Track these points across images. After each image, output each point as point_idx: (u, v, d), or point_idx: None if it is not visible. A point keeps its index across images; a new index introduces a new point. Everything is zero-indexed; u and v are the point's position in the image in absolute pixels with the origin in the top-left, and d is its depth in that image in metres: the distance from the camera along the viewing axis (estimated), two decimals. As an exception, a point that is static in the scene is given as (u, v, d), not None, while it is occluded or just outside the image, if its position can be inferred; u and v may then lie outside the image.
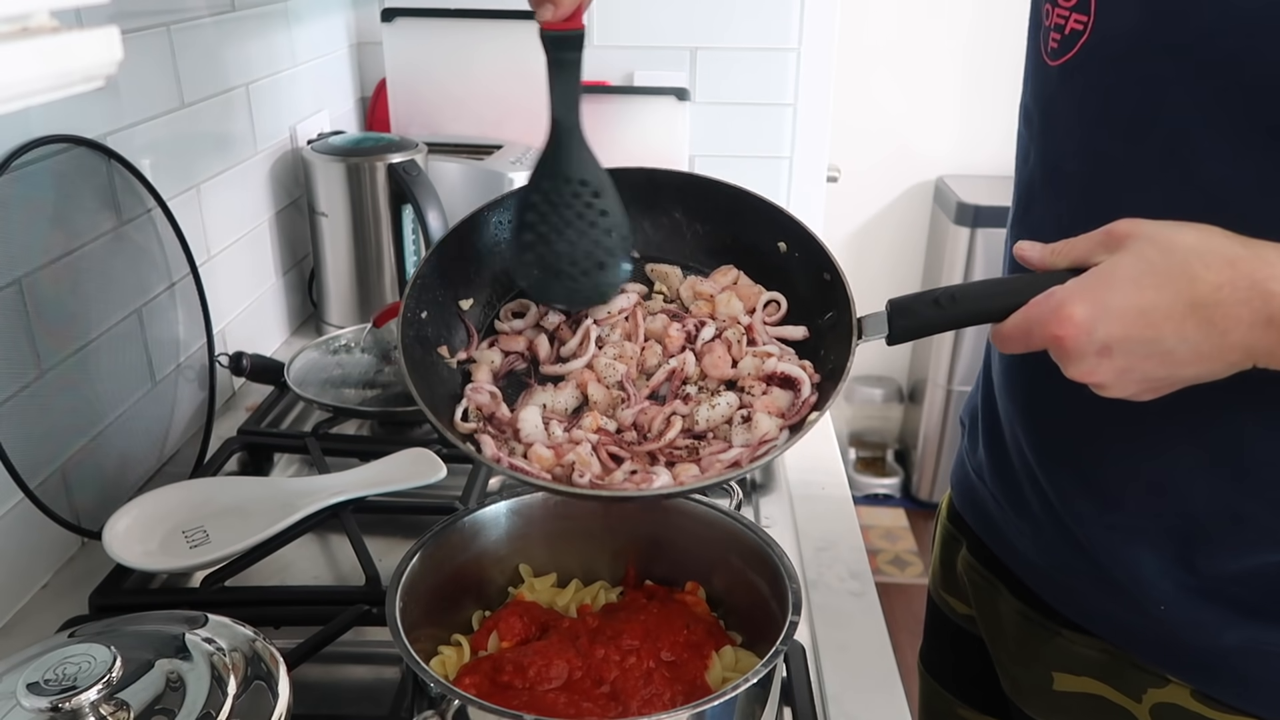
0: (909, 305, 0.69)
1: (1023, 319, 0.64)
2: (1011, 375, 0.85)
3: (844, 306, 0.74)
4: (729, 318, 0.78)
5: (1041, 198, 0.81)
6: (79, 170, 1.00)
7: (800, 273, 0.79)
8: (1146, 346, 0.60)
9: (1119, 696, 0.83)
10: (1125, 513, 0.77)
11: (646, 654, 0.73)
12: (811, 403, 0.72)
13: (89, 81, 0.39)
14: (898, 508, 3.21)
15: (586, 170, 0.77)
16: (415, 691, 0.68)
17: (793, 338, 0.78)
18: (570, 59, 0.74)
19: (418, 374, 0.73)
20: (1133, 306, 0.59)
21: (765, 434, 0.70)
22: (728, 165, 1.89)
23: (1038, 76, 0.81)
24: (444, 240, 0.79)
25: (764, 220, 0.80)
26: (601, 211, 0.76)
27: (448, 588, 0.79)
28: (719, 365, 0.76)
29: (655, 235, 0.84)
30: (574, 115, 0.76)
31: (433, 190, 1.42)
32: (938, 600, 1.07)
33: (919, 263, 3.21)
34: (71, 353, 0.99)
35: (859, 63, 2.84)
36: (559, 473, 0.69)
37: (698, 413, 0.73)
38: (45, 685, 0.55)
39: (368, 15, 1.82)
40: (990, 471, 0.92)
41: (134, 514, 0.94)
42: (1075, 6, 0.74)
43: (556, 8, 0.71)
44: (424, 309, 0.77)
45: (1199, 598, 0.76)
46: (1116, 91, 0.72)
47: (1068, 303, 0.61)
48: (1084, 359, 0.61)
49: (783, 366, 0.74)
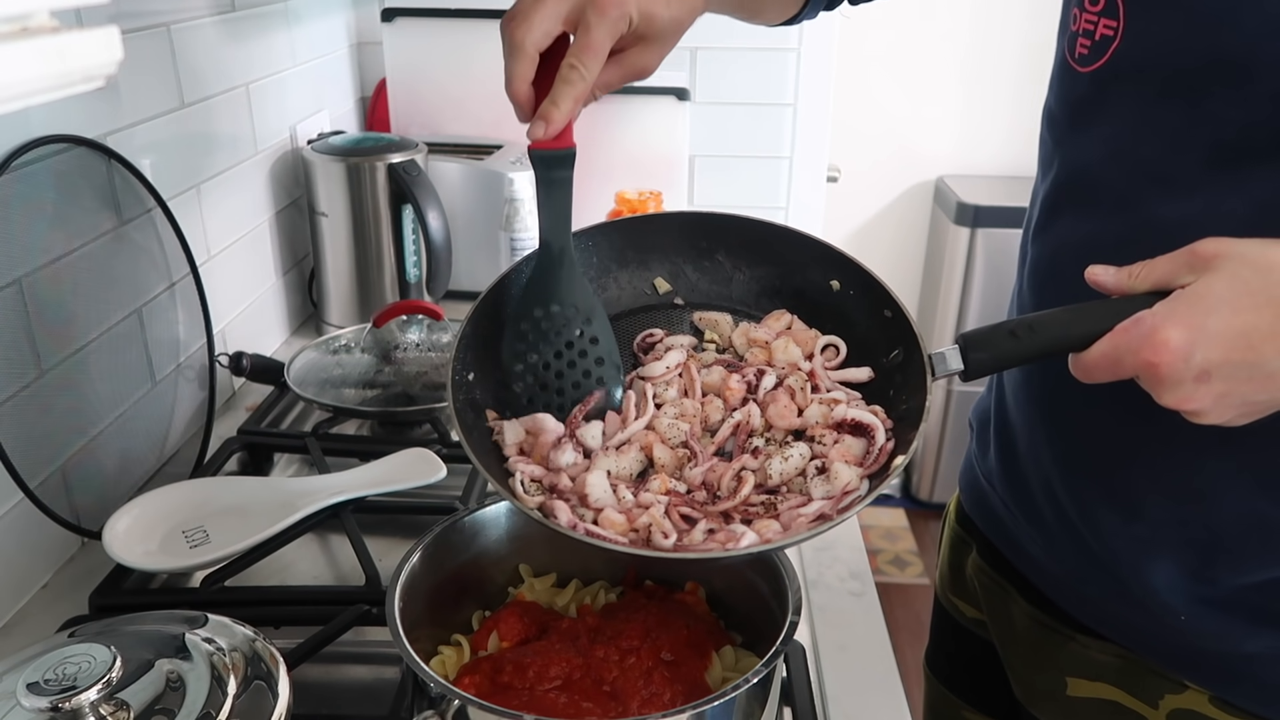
0: (985, 338, 0.66)
1: (1111, 347, 0.61)
2: (1031, 383, 0.83)
3: (912, 344, 0.70)
4: (788, 364, 0.75)
5: (1069, 206, 0.79)
6: (79, 170, 1.00)
7: (857, 311, 0.76)
8: (1248, 370, 0.57)
9: (1135, 702, 0.82)
10: (1148, 523, 0.75)
11: (646, 654, 0.73)
12: (889, 449, 0.68)
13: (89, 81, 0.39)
14: (898, 508, 3.22)
15: (577, 296, 0.74)
16: (415, 691, 0.68)
17: (856, 380, 0.74)
18: (562, 177, 0.72)
19: (475, 440, 0.71)
20: (1232, 329, 0.57)
21: (847, 484, 0.66)
22: (728, 165, 1.89)
23: (1064, 81, 0.78)
24: (482, 299, 0.76)
25: (815, 258, 0.77)
26: (592, 339, 0.74)
27: (448, 588, 0.79)
28: (785, 415, 0.72)
29: (700, 281, 0.81)
30: (565, 238, 0.73)
31: (433, 190, 1.42)
32: (945, 604, 1.06)
33: (919, 263, 3.21)
34: (71, 353, 0.99)
35: (859, 63, 2.85)
36: (634, 537, 0.66)
37: (770, 466, 0.69)
38: (45, 685, 0.55)
39: (368, 15, 1.82)
40: (1001, 478, 0.91)
41: (134, 514, 0.94)
42: (1103, 11, 0.73)
43: (548, 125, 0.68)
44: (470, 370, 0.74)
45: (1220, 607, 0.75)
46: (1156, 100, 0.70)
47: (1162, 327, 0.58)
48: (1181, 385, 0.58)
49: (853, 413, 0.70)
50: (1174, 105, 0.69)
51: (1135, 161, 0.72)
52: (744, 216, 0.79)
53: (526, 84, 0.68)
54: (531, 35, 0.66)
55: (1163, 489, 0.74)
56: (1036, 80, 0.82)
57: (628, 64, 0.71)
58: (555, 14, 0.67)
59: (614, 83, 0.71)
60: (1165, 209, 0.62)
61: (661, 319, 0.81)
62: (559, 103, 0.67)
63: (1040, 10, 2.78)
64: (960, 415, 3.01)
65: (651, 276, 0.81)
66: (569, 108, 0.67)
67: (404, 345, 1.31)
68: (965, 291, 2.91)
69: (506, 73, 0.68)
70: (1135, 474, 0.75)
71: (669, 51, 0.73)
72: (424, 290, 1.48)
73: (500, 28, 0.68)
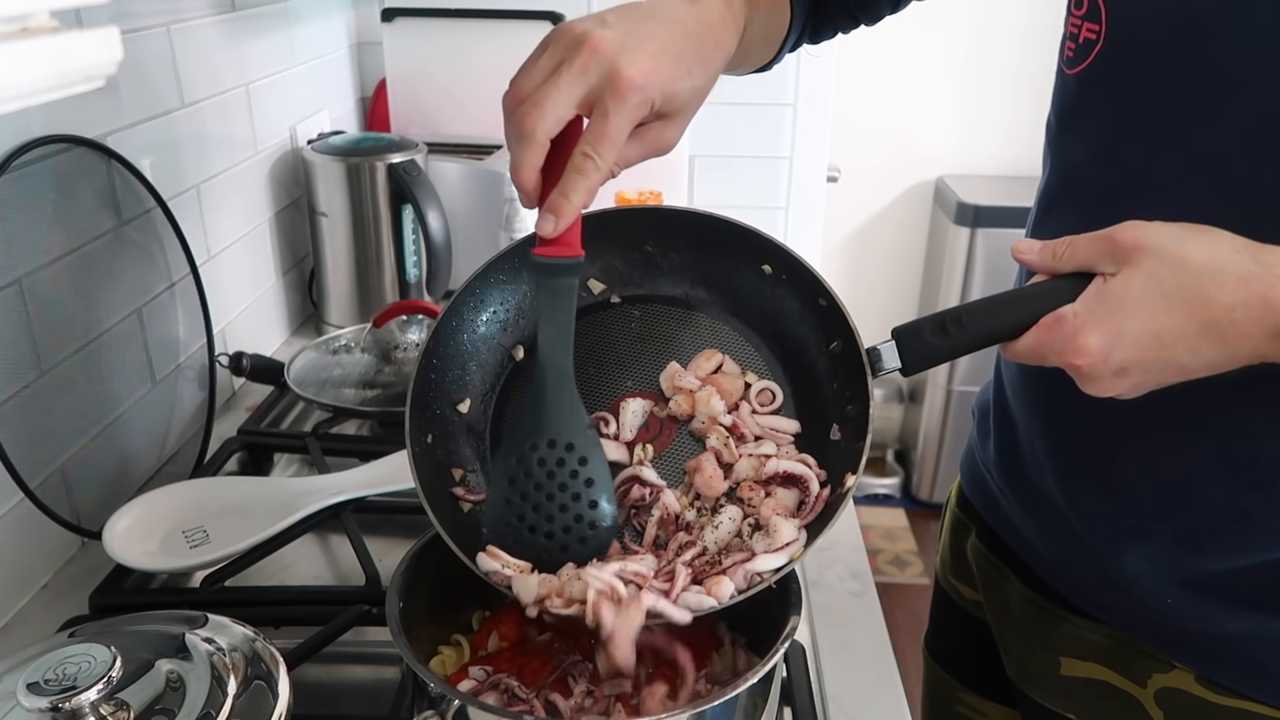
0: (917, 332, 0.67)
1: (1036, 343, 0.63)
2: (1026, 377, 0.86)
3: (849, 335, 0.70)
4: (709, 418, 0.73)
5: (1059, 207, 0.81)
6: (79, 170, 1.00)
7: (792, 300, 0.75)
8: (1161, 365, 0.61)
9: (1124, 682, 0.84)
10: (1137, 514, 0.78)
11: (646, 654, 0.73)
12: (824, 497, 0.69)
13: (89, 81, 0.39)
14: (898, 508, 3.21)
15: (575, 432, 0.68)
16: (415, 691, 0.68)
17: (785, 430, 0.73)
18: (565, 286, 0.65)
19: (442, 512, 0.71)
20: (1147, 331, 0.59)
21: (787, 540, 0.67)
22: (728, 165, 1.89)
23: (1057, 84, 0.81)
24: (424, 351, 0.74)
25: (743, 245, 0.75)
26: (587, 481, 0.68)
27: (448, 588, 0.79)
28: (712, 484, 0.71)
29: (633, 274, 0.78)
30: (566, 359, 0.67)
31: (433, 190, 1.42)
32: (945, 586, 1.08)
33: (919, 263, 3.21)
34: (72, 353, 0.99)
35: (859, 63, 2.84)
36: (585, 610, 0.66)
37: (704, 539, 0.69)
38: (45, 685, 0.55)
39: (368, 15, 1.82)
40: (998, 467, 0.93)
41: (134, 514, 0.94)
42: (1086, 15, 0.74)
43: (558, 219, 0.61)
44: (427, 433, 0.73)
45: (1205, 592, 0.77)
46: (1137, 101, 0.71)
47: (1082, 331, 0.61)
48: (1101, 380, 0.62)
49: (784, 465, 0.70)
50: (1155, 108, 0.70)
51: (1117, 164, 0.74)
52: (669, 206, 0.77)
53: (535, 172, 0.62)
54: (544, 124, 0.60)
55: (1151, 481, 0.76)
56: (1036, 80, 0.83)
57: (648, 140, 0.65)
58: (570, 99, 0.60)
59: (633, 160, 0.65)
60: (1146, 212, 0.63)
61: (599, 320, 0.79)
62: (570, 195, 0.61)
63: (1040, 11, 2.78)
64: (960, 415, 3.01)
65: (584, 278, 0.78)
66: (580, 200, 0.61)
67: (404, 345, 1.31)
68: (965, 292, 2.91)
69: (514, 159, 0.62)
70: (1123, 465, 0.77)
71: (690, 120, 0.67)
72: (424, 290, 1.48)
73: (504, 105, 0.62)
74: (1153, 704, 0.82)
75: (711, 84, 0.67)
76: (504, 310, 0.78)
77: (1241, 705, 0.78)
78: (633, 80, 0.60)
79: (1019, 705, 0.96)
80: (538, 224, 0.63)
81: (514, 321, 0.78)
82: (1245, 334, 0.59)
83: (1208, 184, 0.67)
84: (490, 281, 0.77)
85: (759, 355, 0.77)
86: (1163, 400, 0.66)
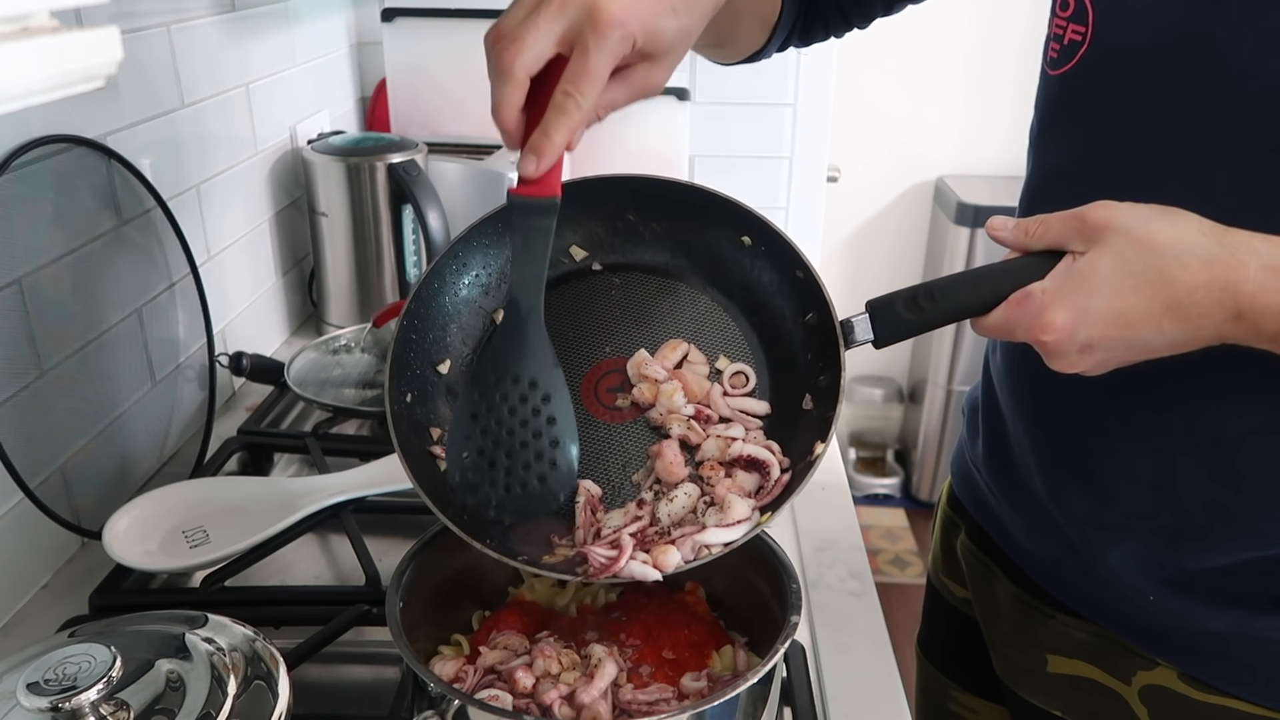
0: (890, 305, 0.68)
1: (1005, 319, 0.65)
2: (1012, 374, 0.86)
3: (824, 308, 0.71)
4: (667, 411, 0.73)
5: (1042, 205, 0.81)
6: (79, 170, 1.00)
7: (770, 270, 0.75)
8: (1125, 343, 0.62)
9: (1109, 679, 0.84)
10: (1119, 511, 0.79)
11: (647, 653, 0.73)
12: (784, 483, 0.69)
13: (89, 81, 0.39)
14: (898, 508, 3.21)
15: (540, 369, 0.69)
16: (415, 691, 0.68)
17: (755, 412, 0.73)
18: (541, 227, 0.65)
19: (419, 468, 0.71)
20: (1112, 309, 0.61)
21: (739, 517, 0.67)
22: (728, 165, 1.89)
23: (1041, 84, 0.81)
24: (405, 311, 0.74)
25: (725, 215, 0.75)
26: (549, 419, 0.69)
27: (448, 588, 0.79)
28: (672, 470, 0.71)
29: (615, 241, 0.79)
30: (536, 297, 0.67)
31: (433, 190, 1.42)
32: (937, 584, 1.09)
33: (919, 263, 3.21)
34: (72, 353, 0.99)
35: (859, 63, 2.84)
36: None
37: (658, 511, 0.69)
38: (45, 685, 0.55)
39: (368, 15, 1.82)
40: (986, 464, 0.94)
41: (134, 514, 0.94)
42: (1072, 16, 0.75)
43: (539, 158, 0.61)
44: (407, 392, 0.73)
45: (1186, 590, 0.77)
46: (1121, 103, 0.72)
47: (1050, 308, 0.62)
48: (1066, 356, 0.63)
49: (748, 449, 0.70)
50: (1138, 111, 0.71)
51: (1098, 164, 0.75)
52: (652, 176, 0.76)
53: (516, 111, 0.62)
54: (522, 59, 0.60)
55: (1133, 478, 0.77)
56: (1036, 81, 0.83)
57: (633, 82, 0.65)
58: (549, 35, 0.60)
59: (619, 102, 0.65)
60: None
61: (580, 287, 0.79)
62: (551, 133, 0.61)
63: (1040, 11, 2.78)
64: (959, 415, 3.00)
65: (566, 245, 0.79)
66: (563, 139, 0.61)
67: (404, 345, 1.31)
68: (965, 291, 2.91)
69: (494, 98, 0.62)
70: (1106, 464, 0.78)
71: (678, 64, 0.67)
72: (424, 290, 1.48)
73: (484, 45, 0.62)
74: (1137, 701, 0.82)
75: (700, 26, 0.66)
76: (486, 274, 0.78)
77: (1224, 703, 0.78)
78: (613, 16, 0.59)
79: (1007, 703, 0.96)
80: (519, 164, 0.63)
81: (496, 285, 0.78)
82: (1206, 315, 0.60)
83: (1189, 187, 0.67)
84: (473, 245, 0.77)
85: (736, 325, 0.78)
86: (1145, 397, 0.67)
